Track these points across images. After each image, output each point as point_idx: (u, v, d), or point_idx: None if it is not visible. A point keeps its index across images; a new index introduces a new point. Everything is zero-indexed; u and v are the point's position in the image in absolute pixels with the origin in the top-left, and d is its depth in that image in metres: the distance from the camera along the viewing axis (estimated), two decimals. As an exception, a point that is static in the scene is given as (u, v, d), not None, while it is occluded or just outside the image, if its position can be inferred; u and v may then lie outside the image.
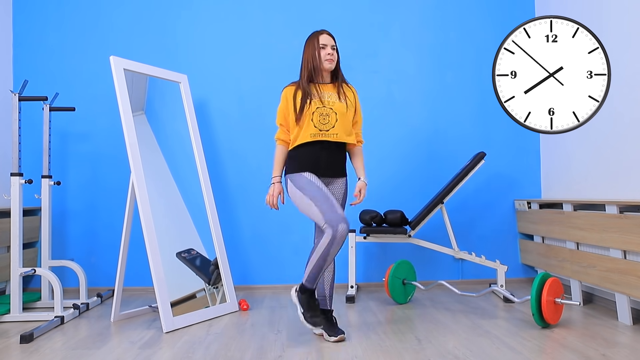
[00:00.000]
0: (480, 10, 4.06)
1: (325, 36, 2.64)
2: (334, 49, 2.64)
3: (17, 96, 3.08)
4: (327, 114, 2.55)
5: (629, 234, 2.65)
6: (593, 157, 3.29)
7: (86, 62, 3.90)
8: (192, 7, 3.98)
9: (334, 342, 2.47)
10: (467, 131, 4.02)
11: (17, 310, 2.99)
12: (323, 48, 2.62)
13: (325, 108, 2.55)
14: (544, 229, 3.58)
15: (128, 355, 2.33)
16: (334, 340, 2.48)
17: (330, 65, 2.62)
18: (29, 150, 3.73)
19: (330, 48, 2.62)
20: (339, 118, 2.57)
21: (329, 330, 2.51)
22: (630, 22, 2.91)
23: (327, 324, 2.53)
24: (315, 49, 2.62)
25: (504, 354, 2.27)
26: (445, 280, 3.39)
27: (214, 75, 3.95)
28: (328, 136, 2.55)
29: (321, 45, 2.62)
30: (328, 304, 2.64)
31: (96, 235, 3.87)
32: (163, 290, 2.81)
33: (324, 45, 2.62)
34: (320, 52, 2.61)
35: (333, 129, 2.56)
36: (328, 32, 2.67)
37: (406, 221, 3.52)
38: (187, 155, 3.37)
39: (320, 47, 2.62)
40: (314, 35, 2.65)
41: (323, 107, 2.55)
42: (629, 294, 2.69)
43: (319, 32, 2.66)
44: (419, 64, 4.05)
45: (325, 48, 2.61)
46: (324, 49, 2.62)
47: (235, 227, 3.91)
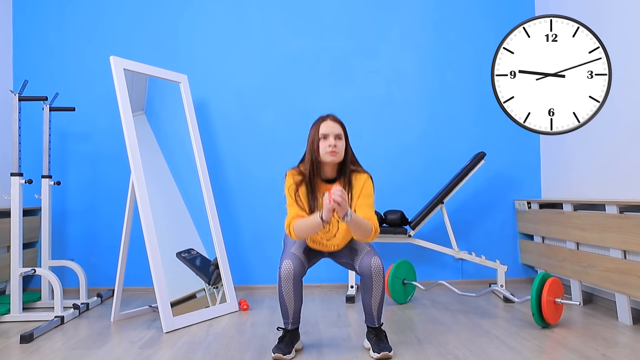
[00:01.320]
0: (480, 10, 4.06)
1: (328, 123, 2.28)
2: (339, 137, 2.28)
3: (17, 96, 3.08)
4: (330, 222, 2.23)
5: (629, 234, 2.65)
6: (593, 157, 3.29)
7: (86, 62, 3.90)
8: (192, 7, 3.98)
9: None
10: (467, 131, 4.02)
11: (17, 310, 2.99)
12: (324, 138, 2.26)
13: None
14: (544, 229, 3.58)
15: (128, 355, 2.33)
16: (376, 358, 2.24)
17: (333, 159, 2.26)
18: (29, 150, 3.72)
19: (332, 138, 2.25)
20: (341, 227, 2.32)
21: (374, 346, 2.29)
22: (630, 21, 2.91)
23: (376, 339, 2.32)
24: (315, 140, 2.27)
25: (504, 354, 2.27)
26: (445, 280, 3.38)
27: (214, 75, 3.95)
28: (328, 247, 2.37)
29: (321, 135, 2.27)
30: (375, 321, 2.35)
31: (96, 235, 3.87)
32: (163, 290, 2.81)
33: (326, 135, 2.26)
34: (320, 144, 2.27)
35: (334, 239, 2.35)
36: (333, 116, 2.31)
37: (406, 221, 3.52)
38: (187, 155, 3.37)
39: (321, 138, 2.27)
40: (317, 121, 2.32)
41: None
42: (629, 294, 2.69)
43: (322, 118, 2.32)
44: (418, 64, 4.04)
45: (327, 138, 2.26)
46: (325, 140, 2.26)
47: (235, 227, 3.91)
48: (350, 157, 2.36)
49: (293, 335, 2.34)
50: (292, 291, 2.25)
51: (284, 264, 2.24)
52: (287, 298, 2.26)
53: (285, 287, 2.24)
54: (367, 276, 2.26)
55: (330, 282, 3.91)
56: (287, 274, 2.23)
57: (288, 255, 2.27)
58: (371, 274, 2.25)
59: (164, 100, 3.38)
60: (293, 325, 2.34)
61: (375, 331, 2.33)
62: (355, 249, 2.36)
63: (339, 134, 2.28)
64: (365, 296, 2.31)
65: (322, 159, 2.29)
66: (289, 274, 2.23)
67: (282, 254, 2.32)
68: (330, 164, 2.31)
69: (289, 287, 2.24)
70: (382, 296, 2.30)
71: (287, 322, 2.33)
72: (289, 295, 2.26)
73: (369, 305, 2.31)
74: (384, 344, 2.28)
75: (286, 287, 2.24)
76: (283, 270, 2.23)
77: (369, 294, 2.29)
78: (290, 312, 2.31)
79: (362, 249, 2.33)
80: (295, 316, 2.33)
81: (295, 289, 2.26)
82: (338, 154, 2.27)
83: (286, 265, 2.23)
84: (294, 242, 2.36)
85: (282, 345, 2.28)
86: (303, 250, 2.33)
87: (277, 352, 2.24)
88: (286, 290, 2.25)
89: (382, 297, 2.30)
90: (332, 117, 2.32)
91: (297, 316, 2.33)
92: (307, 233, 2.25)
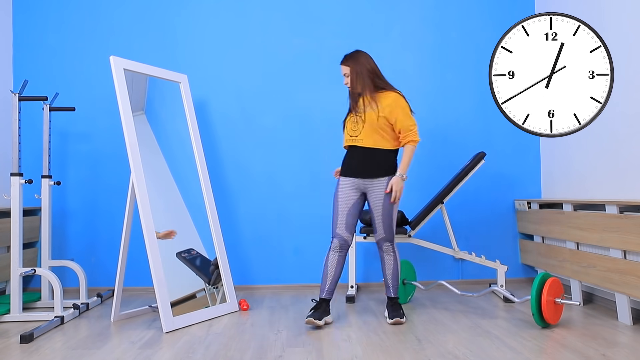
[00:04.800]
0: (480, 9, 4.06)
1: (342, 67, 2.91)
2: (347, 75, 2.88)
3: (17, 96, 3.08)
4: (356, 121, 2.85)
5: (629, 234, 2.65)
6: (593, 157, 3.29)
7: (86, 62, 3.90)
8: (192, 7, 3.97)
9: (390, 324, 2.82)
10: (467, 131, 4.02)
11: (17, 310, 2.99)
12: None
13: (357, 117, 2.85)
14: (544, 229, 3.58)
15: (128, 355, 2.33)
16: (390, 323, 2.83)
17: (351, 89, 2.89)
18: (29, 150, 3.72)
19: (345, 77, 2.90)
20: (366, 125, 2.82)
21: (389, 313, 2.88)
22: (631, 21, 2.91)
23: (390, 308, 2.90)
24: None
25: (504, 354, 2.27)
26: (445, 280, 3.38)
27: (214, 75, 3.95)
28: (357, 142, 2.84)
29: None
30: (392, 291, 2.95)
31: (96, 235, 3.87)
32: (163, 290, 2.81)
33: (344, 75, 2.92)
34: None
35: (360, 135, 2.84)
36: (343, 60, 2.92)
37: (406, 221, 3.52)
38: (187, 155, 3.37)
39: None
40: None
41: (356, 116, 2.86)
42: (629, 294, 2.69)
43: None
44: (419, 64, 4.04)
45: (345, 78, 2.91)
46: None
47: (235, 227, 3.91)
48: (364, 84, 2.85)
49: (326, 307, 2.81)
50: (336, 262, 2.84)
51: (334, 242, 2.85)
52: (330, 267, 2.83)
53: (332, 256, 2.84)
54: (380, 250, 2.94)
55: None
56: (335, 247, 2.84)
57: (335, 234, 2.86)
58: (382, 250, 2.92)
59: (164, 100, 3.38)
60: (327, 294, 2.82)
61: (391, 301, 2.92)
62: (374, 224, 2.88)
63: (345, 73, 2.90)
64: (382, 268, 2.95)
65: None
66: (336, 248, 2.84)
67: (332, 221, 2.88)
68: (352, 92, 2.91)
69: (335, 257, 2.84)
70: (394, 269, 2.92)
71: (323, 289, 2.83)
72: (332, 264, 2.83)
73: (384, 276, 2.94)
74: (396, 312, 2.84)
75: (332, 257, 2.84)
76: (334, 245, 2.85)
77: (383, 266, 2.94)
78: (329, 280, 2.83)
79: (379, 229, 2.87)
80: (332, 286, 2.83)
81: (339, 260, 2.84)
82: (349, 86, 2.89)
83: (335, 242, 2.85)
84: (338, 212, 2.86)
85: (317, 313, 2.75)
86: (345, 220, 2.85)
87: (311, 316, 2.71)
88: (332, 259, 2.84)
89: (395, 270, 2.92)
90: (342, 61, 2.92)
91: (333, 287, 2.84)
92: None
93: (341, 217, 2.85)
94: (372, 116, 2.81)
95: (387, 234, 2.88)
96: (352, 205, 2.87)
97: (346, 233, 2.85)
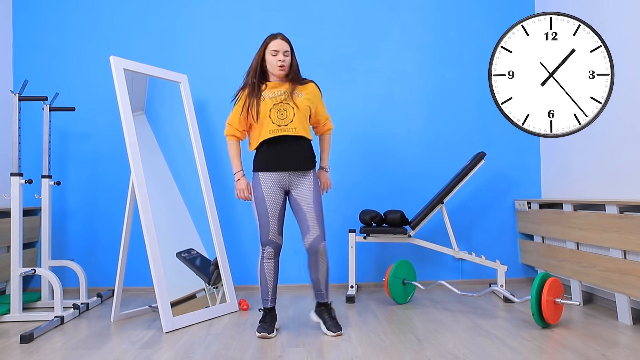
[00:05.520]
0: (481, 9, 4.06)
1: (278, 41, 2.59)
2: (287, 54, 2.59)
3: (17, 96, 3.08)
4: (284, 109, 2.56)
5: (629, 234, 2.65)
6: (593, 157, 3.29)
7: (86, 62, 3.90)
8: (192, 7, 3.97)
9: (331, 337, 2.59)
10: (467, 131, 4.02)
11: (17, 310, 2.99)
12: (274, 55, 2.59)
13: (282, 104, 2.56)
14: (544, 229, 3.58)
15: (128, 355, 2.33)
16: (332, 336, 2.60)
17: (281, 72, 2.59)
18: (29, 150, 3.72)
19: (282, 54, 2.58)
20: (299, 114, 2.57)
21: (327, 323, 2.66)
22: (631, 20, 2.91)
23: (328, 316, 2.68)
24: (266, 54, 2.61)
25: (504, 354, 2.27)
26: (445, 280, 3.38)
27: (214, 75, 3.95)
28: (287, 130, 2.56)
29: (272, 52, 2.59)
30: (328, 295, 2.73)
31: (96, 235, 3.87)
32: (163, 290, 2.81)
33: (276, 52, 2.58)
34: (270, 59, 2.60)
35: (292, 124, 2.57)
36: (283, 36, 2.62)
37: (406, 221, 3.52)
38: (187, 155, 3.37)
39: (272, 54, 2.59)
40: (267, 39, 2.64)
41: (280, 103, 2.56)
42: (629, 294, 2.69)
43: (272, 35, 2.63)
44: (419, 64, 4.04)
45: (277, 54, 2.58)
46: (275, 56, 2.58)
47: (235, 227, 3.91)
48: (295, 70, 2.65)
49: (272, 315, 2.70)
50: (272, 269, 2.66)
51: (266, 251, 2.64)
52: (268, 276, 2.66)
53: (267, 266, 2.65)
54: (314, 255, 2.60)
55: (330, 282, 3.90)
56: (269, 256, 2.65)
57: (267, 242, 2.63)
58: (317, 255, 2.59)
59: (164, 100, 3.38)
60: (272, 302, 2.69)
61: (325, 307, 2.69)
62: (306, 222, 2.60)
63: (287, 51, 2.60)
64: (313, 273, 2.65)
65: (272, 71, 2.62)
66: (270, 256, 2.65)
67: (260, 231, 2.64)
68: (279, 76, 2.62)
69: (270, 266, 2.66)
70: (327, 272, 2.66)
71: (266, 299, 2.69)
72: (270, 272, 2.66)
73: (317, 282, 2.66)
74: (336, 322, 2.65)
75: (268, 266, 2.65)
76: (266, 255, 2.64)
77: (315, 271, 2.64)
78: (270, 288, 2.68)
79: (314, 229, 2.59)
80: (274, 293, 2.70)
81: (275, 267, 2.67)
82: (285, 68, 2.60)
83: (268, 251, 2.64)
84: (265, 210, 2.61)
85: (266, 325, 2.62)
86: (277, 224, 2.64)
87: (263, 331, 2.57)
88: (268, 268, 2.65)
89: (327, 272, 2.66)
90: (281, 36, 2.62)
91: (274, 293, 2.70)
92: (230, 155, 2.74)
93: (272, 222, 2.61)
94: (303, 104, 2.58)
95: (323, 231, 2.61)
96: (281, 206, 2.64)
97: (279, 238, 2.65)
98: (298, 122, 2.56)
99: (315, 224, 2.58)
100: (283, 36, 2.62)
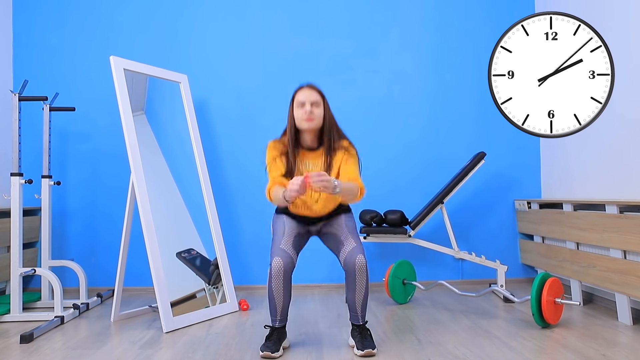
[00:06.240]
0: (480, 9, 4.06)
1: (304, 91, 2.35)
2: (317, 105, 2.34)
3: (17, 96, 3.08)
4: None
5: (629, 234, 2.65)
6: (593, 157, 3.29)
7: (86, 62, 3.90)
8: (193, 7, 3.97)
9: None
10: (467, 131, 4.02)
11: (17, 310, 2.99)
12: (301, 106, 2.33)
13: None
14: (544, 229, 3.58)
15: (128, 355, 2.33)
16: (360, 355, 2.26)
17: (309, 125, 2.33)
18: (29, 150, 3.72)
19: (309, 105, 2.31)
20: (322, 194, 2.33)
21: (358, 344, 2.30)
22: (631, 20, 2.91)
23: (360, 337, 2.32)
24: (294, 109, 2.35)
25: (504, 354, 2.27)
26: (445, 280, 3.38)
27: (214, 75, 3.95)
28: (313, 211, 2.41)
29: (298, 103, 2.34)
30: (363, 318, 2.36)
31: (96, 235, 3.87)
32: (163, 290, 2.81)
33: (302, 103, 2.33)
34: (296, 112, 2.34)
35: (316, 204, 2.39)
36: (310, 85, 2.38)
37: (406, 221, 3.52)
38: (187, 155, 3.37)
39: (298, 106, 2.34)
40: (295, 91, 2.39)
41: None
42: (629, 294, 2.69)
43: (301, 87, 2.39)
44: (418, 64, 4.04)
45: (303, 106, 2.32)
46: (301, 107, 2.33)
47: (235, 227, 3.91)
48: (330, 124, 2.39)
49: (280, 333, 2.36)
50: (281, 288, 2.26)
51: (274, 261, 2.24)
52: (276, 295, 2.27)
53: (275, 283, 2.25)
54: (351, 273, 2.26)
55: (330, 282, 3.92)
56: (278, 271, 2.23)
57: (277, 251, 2.28)
58: (355, 271, 2.24)
59: (164, 100, 3.38)
60: (281, 322, 2.35)
61: (359, 329, 2.33)
62: (340, 239, 2.36)
63: (315, 101, 2.34)
64: (349, 293, 2.31)
65: (299, 126, 2.36)
66: (279, 271, 2.23)
67: (272, 246, 2.33)
68: (309, 131, 2.37)
69: (279, 283, 2.25)
70: (365, 293, 2.29)
71: (275, 319, 2.34)
72: (278, 292, 2.27)
73: (353, 303, 2.31)
74: (367, 342, 2.28)
75: (276, 284, 2.25)
76: (274, 268, 2.24)
77: (352, 291, 2.29)
78: (279, 309, 2.31)
79: (348, 242, 2.32)
80: (284, 313, 2.34)
81: (285, 285, 2.27)
82: (314, 121, 2.33)
83: (276, 262, 2.24)
84: (283, 232, 2.38)
85: (270, 344, 2.29)
86: (292, 240, 2.35)
87: (266, 350, 2.25)
88: (276, 286, 2.26)
89: (366, 294, 2.29)
90: (309, 86, 2.38)
91: (285, 313, 2.34)
92: (279, 203, 2.35)
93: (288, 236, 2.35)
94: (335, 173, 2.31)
95: (360, 244, 2.34)
96: (302, 235, 2.44)
97: (292, 251, 2.32)
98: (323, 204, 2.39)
99: (349, 238, 2.34)
100: (311, 85, 2.38)
